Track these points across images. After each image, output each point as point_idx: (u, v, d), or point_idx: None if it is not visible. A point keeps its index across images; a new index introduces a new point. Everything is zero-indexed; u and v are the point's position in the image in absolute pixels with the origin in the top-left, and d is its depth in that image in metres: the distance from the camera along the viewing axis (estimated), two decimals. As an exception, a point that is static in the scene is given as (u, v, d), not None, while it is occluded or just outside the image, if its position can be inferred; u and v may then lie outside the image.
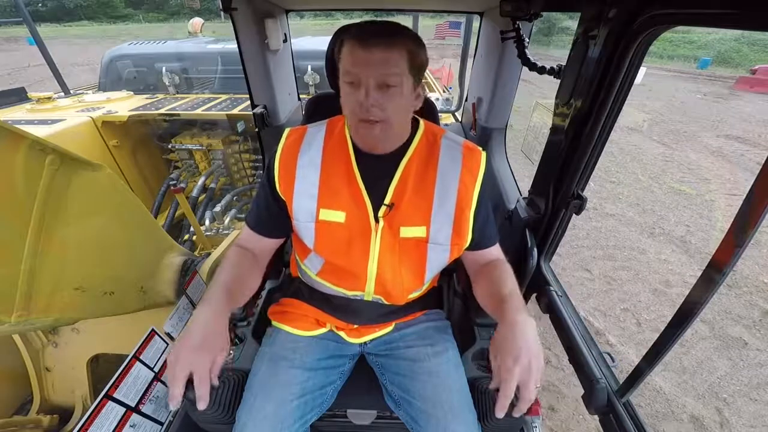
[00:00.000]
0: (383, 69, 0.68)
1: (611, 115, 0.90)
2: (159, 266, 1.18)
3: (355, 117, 0.73)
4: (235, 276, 0.84)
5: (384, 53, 0.68)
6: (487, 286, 0.86)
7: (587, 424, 1.90)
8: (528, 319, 0.70)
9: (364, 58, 0.68)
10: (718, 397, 2.08)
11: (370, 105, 0.70)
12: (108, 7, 43.56)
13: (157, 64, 3.21)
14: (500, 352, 0.67)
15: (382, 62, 0.68)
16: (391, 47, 0.68)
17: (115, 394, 0.91)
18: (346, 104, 0.75)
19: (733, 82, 11.98)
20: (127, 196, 1.02)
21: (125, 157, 2.65)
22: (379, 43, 0.68)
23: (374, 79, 0.69)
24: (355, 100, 0.71)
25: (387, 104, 0.71)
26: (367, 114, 0.71)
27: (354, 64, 0.69)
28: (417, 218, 0.83)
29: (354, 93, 0.71)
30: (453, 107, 2.64)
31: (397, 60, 0.69)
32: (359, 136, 0.80)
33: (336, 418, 0.99)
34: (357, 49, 0.69)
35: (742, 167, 5.37)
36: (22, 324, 0.76)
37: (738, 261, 0.60)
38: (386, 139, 0.80)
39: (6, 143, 0.71)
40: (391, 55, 0.68)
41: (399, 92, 0.71)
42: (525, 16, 1.08)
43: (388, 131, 0.76)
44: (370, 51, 0.68)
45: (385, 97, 0.70)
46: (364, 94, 0.70)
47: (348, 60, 0.70)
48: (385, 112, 0.71)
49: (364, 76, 0.69)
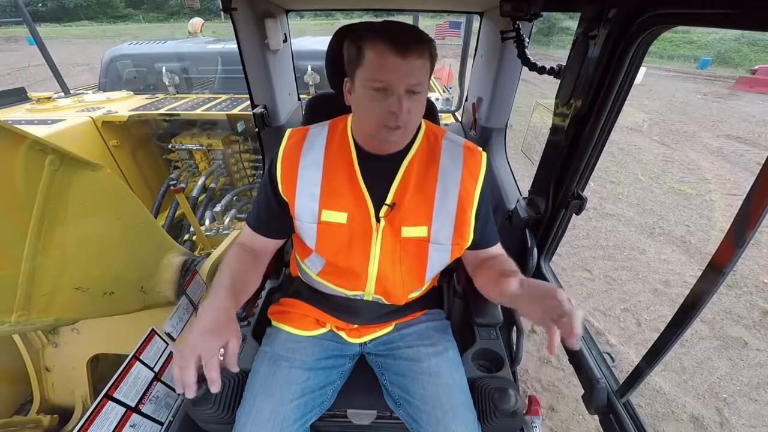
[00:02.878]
0: (417, 77, 0.68)
1: (611, 115, 0.90)
2: (159, 266, 1.18)
3: (379, 122, 0.71)
4: (236, 276, 0.83)
5: (418, 60, 0.67)
6: (489, 272, 0.86)
7: (587, 424, 1.90)
8: None
9: (399, 65, 0.66)
10: (718, 397, 2.08)
11: (403, 113, 0.69)
12: (108, 7, 43.57)
13: (157, 64, 3.20)
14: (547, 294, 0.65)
15: (416, 70, 0.67)
16: (423, 54, 0.68)
17: (115, 394, 0.91)
18: (369, 110, 0.72)
19: (733, 82, 11.97)
20: (127, 196, 1.02)
21: (125, 157, 2.65)
22: (413, 50, 0.66)
23: (406, 87, 0.68)
24: (384, 108, 0.69)
25: (414, 110, 0.71)
26: (396, 121, 0.70)
27: (387, 71, 0.66)
28: (418, 218, 0.84)
29: (383, 100, 0.69)
30: (453, 107, 2.64)
31: (426, 67, 0.69)
32: (378, 140, 0.78)
33: (336, 418, 0.99)
34: (390, 55, 0.65)
35: (742, 167, 5.37)
36: (22, 324, 0.76)
37: (738, 261, 0.60)
38: (402, 142, 0.81)
39: (6, 143, 0.71)
40: (422, 62, 0.68)
41: (422, 98, 0.72)
42: (525, 16, 1.08)
43: (406, 134, 0.77)
44: (405, 58, 0.66)
45: (413, 104, 0.70)
46: (397, 102, 0.68)
47: (377, 66, 0.67)
48: (410, 117, 0.71)
49: (398, 83, 0.67)
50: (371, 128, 0.75)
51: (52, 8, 41.47)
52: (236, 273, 0.84)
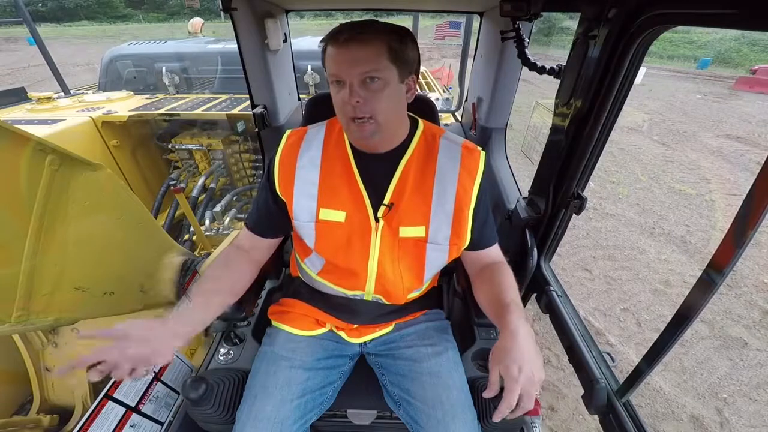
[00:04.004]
0: (363, 65, 0.69)
1: (611, 115, 0.89)
2: (159, 266, 1.18)
3: (345, 116, 0.74)
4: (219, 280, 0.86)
5: (360, 48, 0.69)
6: (488, 290, 0.86)
7: (587, 424, 1.90)
8: (530, 329, 0.71)
9: (342, 55, 0.70)
10: (718, 397, 2.08)
11: (355, 102, 0.70)
12: (108, 7, 43.58)
13: (157, 64, 3.20)
14: (503, 361, 0.67)
15: (360, 58, 0.69)
16: (367, 43, 0.69)
17: (115, 394, 0.91)
18: (335, 105, 0.75)
19: (733, 82, 11.97)
20: (127, 196, 1.02)
21: (125, 157, 2.65)
22: (354, 40, 0.69)
23: (357, 77, 0.69)
24: (341, 99, 0.72)
25: (371, 99, 0.71)
26: (353, 111, 0.72)
27: (334, 64, 0.71)
28: (416, 218, 0.84)
29: (340, 92, 0.72)
30: (453, 107, 2.64)
31: (375, 55, 0.70)
32: (352, 135, 0.80)
33: (336, 418, 0.99)
34: (334, 49, 0.70)
35: (742, 167, 5.37)
36: (22, 324, 0.76)
37: (738, 261, 0.60)
38: (380, 137, 0.77)
39: (6, 143, 0.71)
40: (368, 50, 0.69)
41: (382, 86, 0.71)
42: (525, 16, 1.08)
43: (381, 129, 0.75)
44: (347, 48, 0.69)
45: (369, 93, 0.71)
46: (348, 91, 0.70)
47: (329, 61, 0.72)
48: (370, 107, 0.71)
49: (345, 74, 0.70)
50: (343, 123, 0.77)
51: (52, 8, 41.49)
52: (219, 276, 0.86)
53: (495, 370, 0.68)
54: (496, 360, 0.69)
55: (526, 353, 0.67)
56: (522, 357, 0.66)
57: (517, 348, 0.67)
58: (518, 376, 0.65)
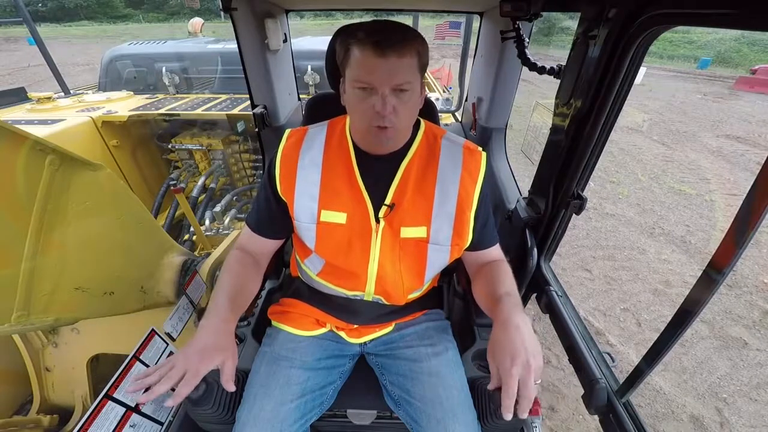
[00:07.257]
0: (399, 76, 0.67)
1: (611, 115, 0.89)
2: (159, 266, 1.18)
3: (368, 123, 0.72)
4: (237, 283, 0.85)
5: (399, 59, 0.66)
6: (484, 285, 0.86)
7: (587, 424, 1.90)
8: (524, 317, 0.70)
9: (379, 65, 0.66)
10: (718, 397, 2.08)
11: (388, 113, 0.69)
12: (108, 7, 43.56)
13: (157, 64, 3.21)
14: (497, 353, 0.67)
15: (398, 69, 0.67)
16: (405, 52, 0.67)
17: (115, 394, 0.91)
18: (356, 109, 0.73)
19: (733, 82, 11.97)
20: (127, 196, 1.02)
21: (125, 157, 2.65)
22: (394, 49, 0.65)
23: (389, 86, 0.67)
24: (370, 107, 0.69)
25: (401, 109, 0.71)
26: (382, 121, 0.70)
27: (368, 72, 0.67)
28: (417, 218, 0.83)
29: (367, 99, 0.69)
30: (453, 107, 2.64)
31: (410, 64, 0.68)
32: (369, 141, 0.79)
33: (336, 418, 0.99)
34: (370, 56, 0.66)
35: (742, 167, 5.37)
36: (22, 324, 0.76)
37: (738, 261, 0.60)
38: (395, 141, 0.80)
39: (6, 143, 0.71)
40: (405, 61, 0.67)
41: (411, 96, 0.71)
42: (525, 16, 1.08)
43: (398, 134, 0.76)
44: (385, 58, 0.65)
45: (399, 103, 0.70)
46: (381, 102, 0.68)
47: (360, 66, 0.68)
48: (398, 116, 0.71)
49: (379, 83, 0.67)
50: (362, 128, 0.76)
51: (52, 8, 41.45)
52: (237, 279, 0.85)
53: (492, 364, 0.68)
54: (490, 354, 0.70)
55: (519, 342, 0.66)
56: (514, 347, 0.65)
57: (507, 339, 0.67)
58: (511, 367, 0.64)
